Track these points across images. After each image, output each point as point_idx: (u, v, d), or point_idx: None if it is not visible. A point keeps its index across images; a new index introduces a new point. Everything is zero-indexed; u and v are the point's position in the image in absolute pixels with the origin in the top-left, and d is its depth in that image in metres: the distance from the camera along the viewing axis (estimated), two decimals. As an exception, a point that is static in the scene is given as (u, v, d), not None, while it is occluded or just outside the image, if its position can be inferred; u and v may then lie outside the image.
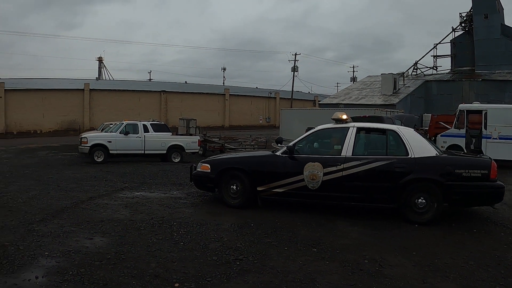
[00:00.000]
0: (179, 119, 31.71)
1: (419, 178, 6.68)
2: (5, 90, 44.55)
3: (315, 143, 7.75)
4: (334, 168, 6.93)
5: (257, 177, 7.53)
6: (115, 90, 52.34)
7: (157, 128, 19.42)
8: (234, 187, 7.77)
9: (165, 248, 5.69)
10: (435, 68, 45.23)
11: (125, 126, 18.26)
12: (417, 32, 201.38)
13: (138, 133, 18.15)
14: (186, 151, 19.11)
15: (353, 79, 76.58)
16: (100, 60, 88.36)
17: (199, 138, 20.61)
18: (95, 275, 4.62)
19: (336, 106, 37.56)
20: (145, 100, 53.20)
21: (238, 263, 5.11)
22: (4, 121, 44.31)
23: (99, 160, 17.44)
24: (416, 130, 10.83)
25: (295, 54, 64.81)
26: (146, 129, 18.45)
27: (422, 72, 44.99)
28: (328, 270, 4.84)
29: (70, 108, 48.00)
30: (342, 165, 6.92)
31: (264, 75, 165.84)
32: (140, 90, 54.39)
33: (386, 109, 25.90)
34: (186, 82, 66.74)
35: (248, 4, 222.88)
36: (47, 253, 5.36)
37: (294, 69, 64.64)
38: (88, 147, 17.43)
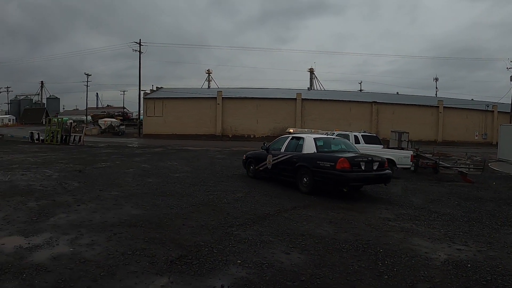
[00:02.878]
0: (391, 131, 30.84)
1: (302, 165, 11.48)
2: (223, 98, 53.25)
3: (276, 144, 13.77)
4: (276, 157, 12.91)
5: (258, 161, 14.15)
6: (326, 100, 55.19)
7: (369, 139, 19.23)
8: (251, 167, 14.70)
9: (366, 279, 4.91)
10: None
11: (336, 136, 18.55)
12: None
13: None
14: (397, 166, 18.28)
15: None
16: (311, 71, 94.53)
17: (411, 153, 19.34)
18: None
19: None
20: (356, 110, 54.10)
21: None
22: (221, 125, 52.20)
23: None
24: None
25: (515, 61, 54.70)
26: (357, 140, 18.54)
27: None
28: None
29: (282, 115, 53.12)
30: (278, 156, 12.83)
31: (480, 86, 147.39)
32: (351, 101, 55.59)
33: None
34: (397, 93, 65.42)
35: (460, 9, 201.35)
36: (239, 261, 5.32)
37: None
38: None
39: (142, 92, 59.45)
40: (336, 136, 17.90)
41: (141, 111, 59.55)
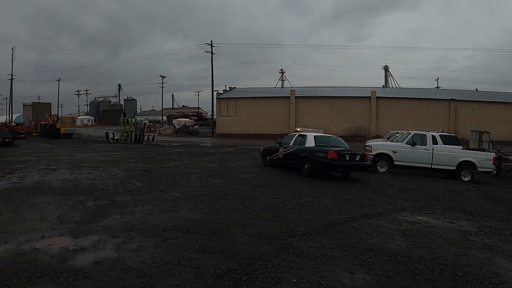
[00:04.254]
0: (471, 131, 28.65)
1: (304, 155, 15.39)
2: (296, 97, 53.41)
3: (286, 140, 17.79)
4: (286, 149, 16.80)
5: (272, 152, 17.93)
6: (401, 98, 53.03)
7: (447, 140, 18.20)
8: (267, 157, 18.25)
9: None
10: None
11: (412, 136, 18.13)
12: None
13: (426, 145, 17.75)
14: (478, 169, 17.28)
15: None
16: (386, 68, 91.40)
17: (494, 155, 17.81)
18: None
19: None
20: (433, 109, 51.17)
21: None
22: (295, 125, 52.41)
23: (382, 170, 17.75)
24: None
25: None
26: (435, 141, 17.75)
27: None
28: None
29: (357, 115, 51.95)
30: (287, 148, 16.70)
31: None
32: (428, 98, 52.60)
33: None
34: (476, 89, 60.98)
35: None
36: (294, 280, 4.74)
37: None
38: (372, 156, 18.04)
39: (215, 93, 60.80)
40: (412, 135, 18.28)
41: (215, 111, 60.79)
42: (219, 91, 62.24)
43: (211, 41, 61.78)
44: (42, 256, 5.52)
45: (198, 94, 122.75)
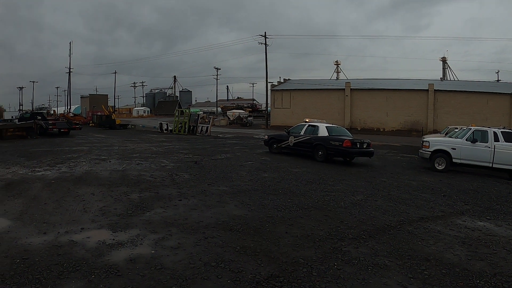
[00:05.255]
0: None
1: (318, 143, 17.77)
2: (351, 89, 52.71)
3: (294, 129, 19.97)
4: (297, 138, 19.10)
5: (279, 141, 20.13)
6: (460, 91, 49.95)
7: (509, 137, 16.69)
8: (274, 145, 20.22)
9: None
10: None
11: (472, 132, 16.93)
12: None
13: (487, 142, 16.48)
14: None
15: None
16: (443, 60, 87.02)
17: None
18: None
19: None
20: (493, 103, 47.79)
21: None
22: (350, 118, 51.27)
23: (440, 168, 16.74)
24: None
25: None
26: (496, 138, 16.33)
27: None
28: None
29: (413, 108, 49.88)
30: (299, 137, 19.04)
31: None
32: (488, 92, 49.17)
33: None
34: None
35: None
36: (341, 292, 4.26)
37: None
38: (430, 152, 17.26)
39: (269, 84, 60.54)
40: (473, 131, 17.28)
41: (269, 103, 60.60)
42: (273, 83, 61.96)
43: (265, 32, 61.54)
44: (78, 249, 5.46)
45: (253, 86, 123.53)
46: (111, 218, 7.00)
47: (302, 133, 19.05)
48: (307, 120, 20.61)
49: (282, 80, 64.82)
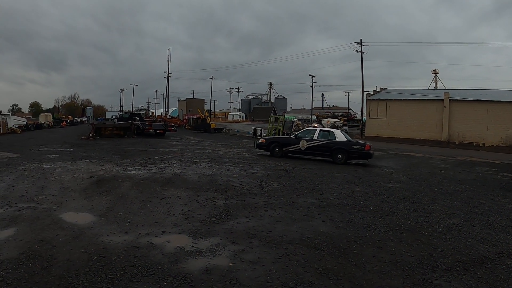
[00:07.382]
0: None
1: (338, 147, 19.88)
2: (450, 100, 48.25)
3: (303, 134, 21.57)
4: (311, 142, 20.66)
5: (284, 145, 21.50)
6: None
7: None
8: (277, 149, 21.34)
9: None
10: None
11: None
12: None
13: None
14: None
15: None
16: None
17: None
18: None
19: None
20: None
21: None
22: (448, 131, 47.55)
23: None
24: None
25: None
26: None
27: None
28: None
29: None
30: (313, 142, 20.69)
31: None
32: None
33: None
34: None
35: None
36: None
37: None
38: None
39: (365, 93, 58.77)
40: None
41: (364, 112, 58.87)
42: (369, 92, 60.07)
43: (360, 40, 59.64)
44: (155, 253, 5.44)
45: (348, 95, 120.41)
46: (194, 224, 6.95)
47: (315, 137, 20.51)
48: (315, 125, 24.10)
49: (378, 89, 62.65)
